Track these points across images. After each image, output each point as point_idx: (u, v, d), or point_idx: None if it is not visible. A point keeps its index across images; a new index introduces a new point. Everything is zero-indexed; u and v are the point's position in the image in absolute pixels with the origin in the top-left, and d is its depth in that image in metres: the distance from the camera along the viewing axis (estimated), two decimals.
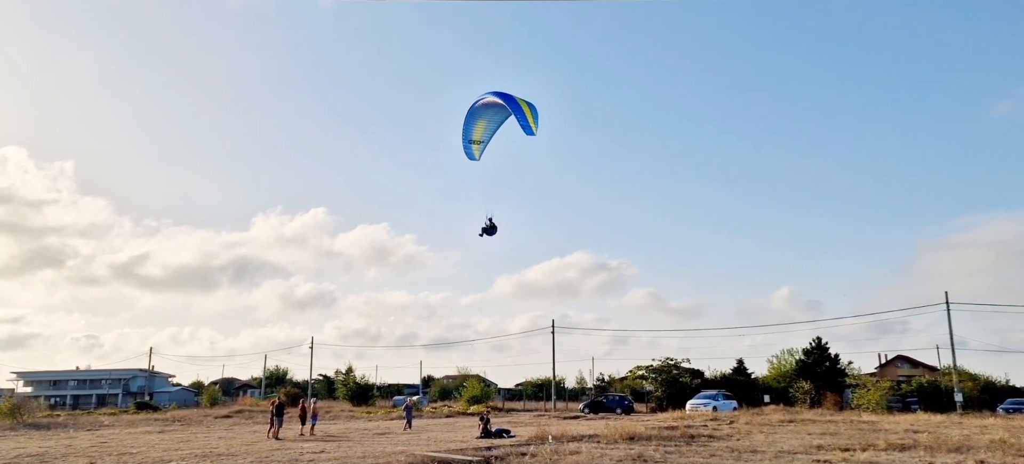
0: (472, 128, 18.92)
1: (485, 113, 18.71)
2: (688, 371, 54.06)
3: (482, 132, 19.07)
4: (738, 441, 21.14)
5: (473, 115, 18.68)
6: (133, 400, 69.10)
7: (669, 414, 39.49)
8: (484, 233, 18.94)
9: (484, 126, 19.01)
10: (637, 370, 59.48)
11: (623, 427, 24.68)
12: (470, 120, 18.73)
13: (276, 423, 25.42)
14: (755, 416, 33.82)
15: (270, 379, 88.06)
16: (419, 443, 22.58)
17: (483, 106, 18.64)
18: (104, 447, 22.01)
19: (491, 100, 18.38)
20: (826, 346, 51.15)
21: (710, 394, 44.76)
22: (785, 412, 36.92)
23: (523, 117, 17.70)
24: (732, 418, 32.64)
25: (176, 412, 50.55)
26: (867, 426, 26.60)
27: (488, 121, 18.96)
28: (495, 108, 18.59)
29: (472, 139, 19.05)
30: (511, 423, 31.91)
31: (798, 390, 46.76)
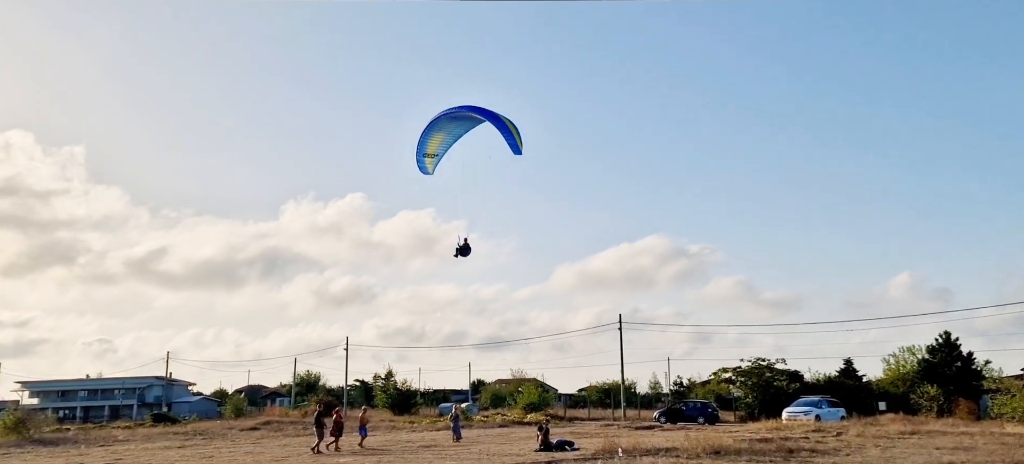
0: (428, 141, 20.21)
1: (446, 126, 19.96)
2: (784, 374, 53.05)
3: (438, 145, 20.49)
4: (847, 456, 20.64)
5: (433, 127, 19.95)
6: (149, 411, 72.16)
7: (762, 424, 38.85)
8: (459, 254, 21.04)
9: (441, 139, 20.36)
10: (722, 372, 58.79)
11: (707, 439, 24.40)
12: (429, 131, 20.03)
13: (320, 434, 26.38)
14: (868, 427, 32.93)
15: (301, 386, 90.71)
16: (470, 457, 22.85)
17: (445, 118, 19.76)
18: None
19: (460, 114, 19.64)
20: (957, 343, 49.47)
21: (812, 401, 43.79)
22: (906, 422, 35.78)
23: (511, 136, 19.31)
24: (839, 429, 31.91)
25: (197, 424, 52.57)
26: (1013, 440, 25.48)
27: (447, 134, 20.33)
28: (459, 121, 19.89)
29: (427, 152, 20.51)
30: (574, 434, 31.97)
31: (922, 396, 45.32)
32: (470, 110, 19.62)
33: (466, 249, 21.18)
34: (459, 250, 21.11)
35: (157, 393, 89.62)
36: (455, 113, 19.70)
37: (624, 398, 57.79)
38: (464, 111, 19.67)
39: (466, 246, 21.18)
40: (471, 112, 19.68)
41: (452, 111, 19.67)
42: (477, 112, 19.56)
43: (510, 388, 78.14)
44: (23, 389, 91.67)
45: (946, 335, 49.99)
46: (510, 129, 19.44)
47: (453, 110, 19.68)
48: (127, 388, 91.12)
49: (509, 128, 19.42)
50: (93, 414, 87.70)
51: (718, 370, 59.89)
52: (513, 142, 19.59)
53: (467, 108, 19.63)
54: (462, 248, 21.13)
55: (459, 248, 21.10)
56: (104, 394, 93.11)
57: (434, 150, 20.69)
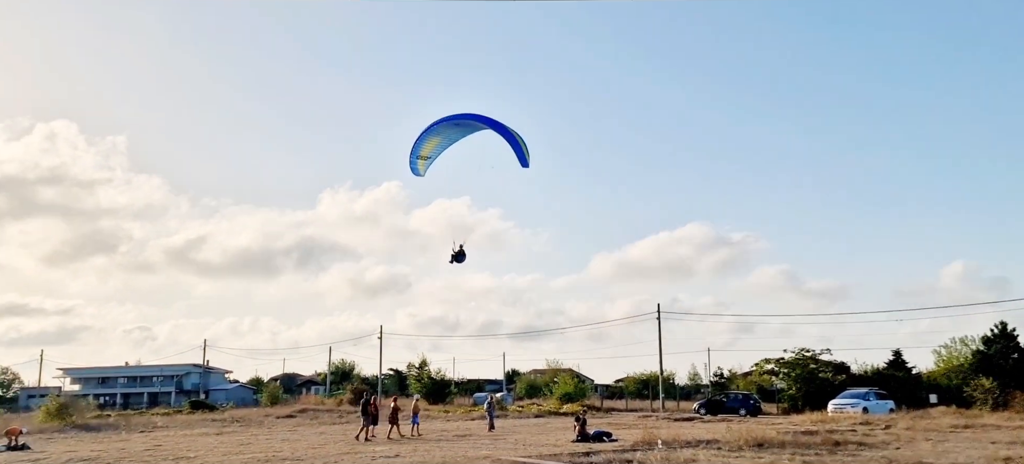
0: (424, 143, 20.71)
1: (444, 130, 20.38)
2: (830, 365, 52.25)
3: (433, 148, 21.01)
4: (897, 450, 20.35)
5: (430, 130, 20.36)
6: (187, 398, 73.97)
7: (806, 416, 38.51)
8: (454, 260, 21.78)
9: (437, 143, 20.88)
10: (765, 364, 58.16)
11: (749, 431, 24.22)
12: (426, 134, 20.48)
13: (364, 422, 27.04)
14: (918, 420, 32.40)
15: (335, 374, 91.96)
16: (506, 446, 23.03)
17: (446, 123, 20.15)
18: (159, 451, 23.75)
19: (463, 122, 20.16)
20: (1014, 333, 48.28)
21: (859, 393, 43.23)
22: (958, 415, 35.14)
23: (519, 149, 19.98)
24: (888, 422, 31.47)
25: (234, 412, 53.75)
26: None
27: (443, 139, 20.80)
28: (459, 128, 20.33)
29: (421, 154, 21.03)
30: (611, 425, 31.98)
31: (976, 388, 44.30)
32: (475, 119, 20.27)
33: (461, 255, 21.81)
34: (454, 256, 21.77)
35: (195, 380, 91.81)
36: (458, 120, 20.21)
37: (663, 389, 57.52)
38: (468, 119, 20.25)
39: (461, 252, 21.81)
40: (476, 121, 20.21)
41: (455, 117, 20.19)
42: (483, 122, 20.17)
43: (545, 378, 78.23)
44: (65, 375, 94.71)
45: (1002, 325, 48.82)
46: (518, 141, 20.12)
47: (456, 116, 20.19)
48: (165, 375, 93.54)
49: (517, 141, 20.08)
50: (132, 400, 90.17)
51: (761, 361, 59.27)
52: (521, 154, 20.22)
53: (472, 117, 20.25)
54: (457, 254, 21.77)
55: (454, 254, 21.75)
56: (143, 381, 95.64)
57: (428, 152, 21.31)
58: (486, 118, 20.17)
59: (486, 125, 20.17)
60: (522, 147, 20.22)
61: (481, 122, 20.21)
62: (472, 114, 20.24)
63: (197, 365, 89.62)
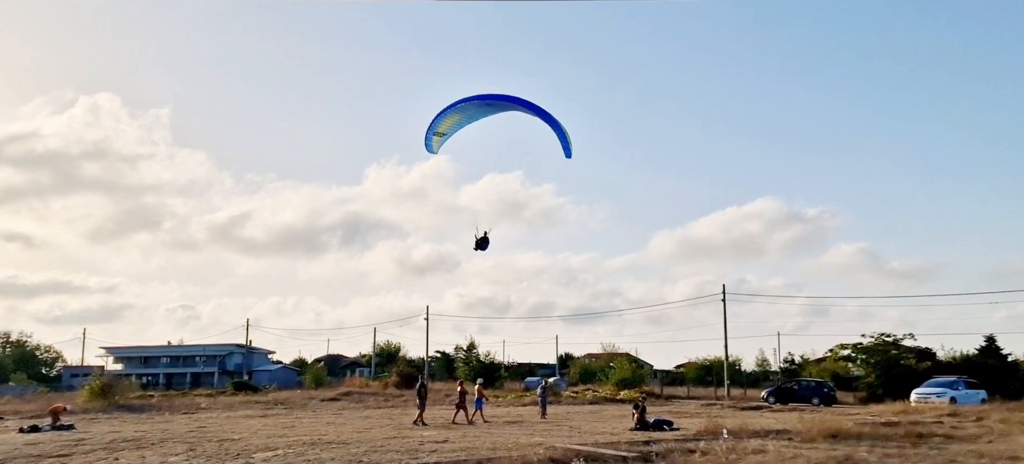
0: (443, 119, 20.70)
1: (467, 109, 20.35)
2: (913, 351, 51.12)
3: (450, 125, 21.00)
4: (989, 444, 19.74)
5: (452, 108, 20.34)
6: (230, 379, 76.15)
7: (886, 406, 37.72)
8: (478, 247, 22.13)
9: (455, 121, 20.87)
10: (841, 349, 57.29)
11: (823, 421, 23.85)
12: (447, 111, 20.48)
13: (420, 407, 27.58)
14: (1014, 412, 31.33)
15: (380, 356, 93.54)
16: (559, 434, 23.08)
17: (473, 102, 20.08)
18: (203, 432, 24.49)
19: (496, 103, 20.12)
20: None
21: (946, 381, 42.15)
22: None
23: (564, 138, 20.18)
24: (979, 414, 30.53)
25: (278, 394, 54.99)
26: None
27: (463, 116, 20.80)
28: (487, 108, 20.35)
29: (438, 130, 21.04)
30: (672, 414, 31.78)
31: None
32: (510, 101, 20.00)
33: (485, 242, 22.01)
34: (478, 242, 21.98)
35: (237, 361, 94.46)
36: (489, 100, 20.19)
37: (728, 376, 56.94)
38: (500, 101, 20.10)
39: (485, 239, 21.99)
40: (509, 103, 20.14)
41: (485, 98, 20.15)
42: (520, 105, 19.97)
43: (601, 363, 78.15)
44: (107, 355, 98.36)
45: None
46: (564, 132, 20.19)
47: (487, 97, 20.15)
48: (208, 355, 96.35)
49: (564, 131, 20.16)
50: (175, 380, 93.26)
51: (836, 346, 58.37)
52: (566, 144, 20.37)
53: (506, 99, 20.06)
54: (480, 240, 21.97)
55: (478, 240, 21.96)
56: (185, 361, 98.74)
57: (445, 129, 21.34)
58: (523, 101, 20.06)
59: (523, 108, 20.13)
60: (567, 138, 20.32)
61: (517, 105, 20.15)
62: (507, 96, 20.18)
63: (240, 345, 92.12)
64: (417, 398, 28.11)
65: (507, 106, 20.38)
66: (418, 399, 27.95)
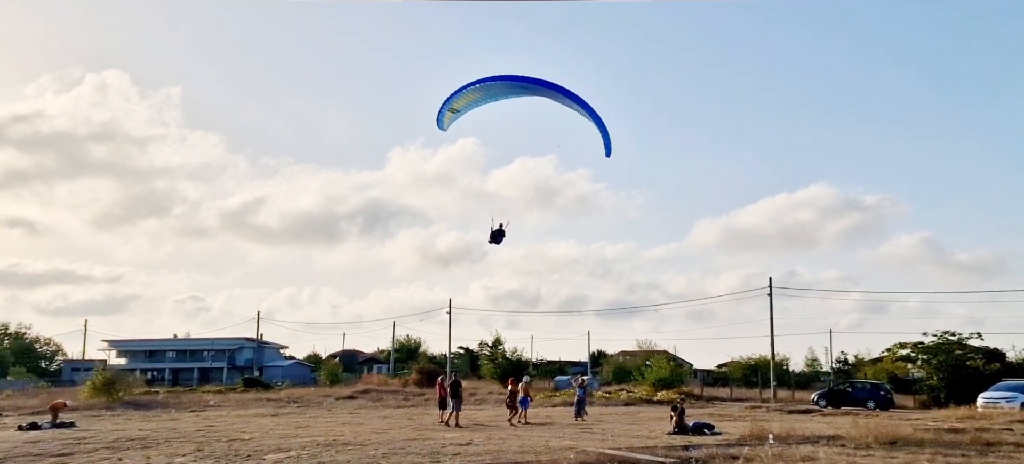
0: (460, 96, 20.88)
1: (492, 88, 20.51)
2: (980, 352, 50.36)
3: (466, 102, 21.19)
4: None
5: (473, 85, 20.48)
6: (240, 375, 77.14)
7: (950, 411, 37.21)
8: (492, 240, 22.62)
9: (472, 99, 21.05)
10: (899, 348, 56.58)
11: (879, 427, 23.57)
12: (466, 88, 20.66)
13: (454, 406, 27.59)
14: None
15: (400, 352, 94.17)
16: (592, 437, 23.09)
17: (497, 81, 20.21)
18: (212, 432, 24.87)
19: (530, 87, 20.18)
20: None
21: (1017, 385, 41.64)
22: None
23: (606, 134, 20.49)
24: None
25: (290, 391, 55.70)
26: None
27: (484, 96, 20.99)
28: (509, 88, 20.47)
29: (452, 106, 21.28)
30: (714, 416, 31.66)
31: None
32: (552, 88, 20.21)
33: (500, 235, 22.40)
34: (493, 236, 22.42)
35: (248, 356, 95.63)
36: (523, 83, 20.35)
37: (774, 376, 56.57)
38: (538, 85, 20.32)
39: (500, 231, 22.37)
40: (553, 91, 20.26)
41: (520, 79, 20.34)
42: (567, 96, 19.99)
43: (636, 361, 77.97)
44: (110, 348, 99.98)
45: None
46: (606, 128, 20.54)
47: (521, 79, 20.31)
48: (217, 350, 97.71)
49: (606, 127, 20.51)
50: (182, 376, 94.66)
51: (894, 345, 57.66)
52: (608, 141, 20.70)
53: (547, 85, 20.28)
54: (496, 233, 22.38)
55: (493, 232, 22.40)
56: (193, 356, 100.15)
57: (460, 106, 21.59)
58: (561, 88, 20.10)
59: (561, 96, 20.13)
60: (609, 133, 20.65)
61: (553, 91, 20.18)
62: (542, 80, 20.27)
63: (250, 339, 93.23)
64: (451, 397, 27.96)
65: (541, 91, 20.40)
66: (453, 398, 27.82)
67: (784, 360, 72.31)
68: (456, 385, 28.27)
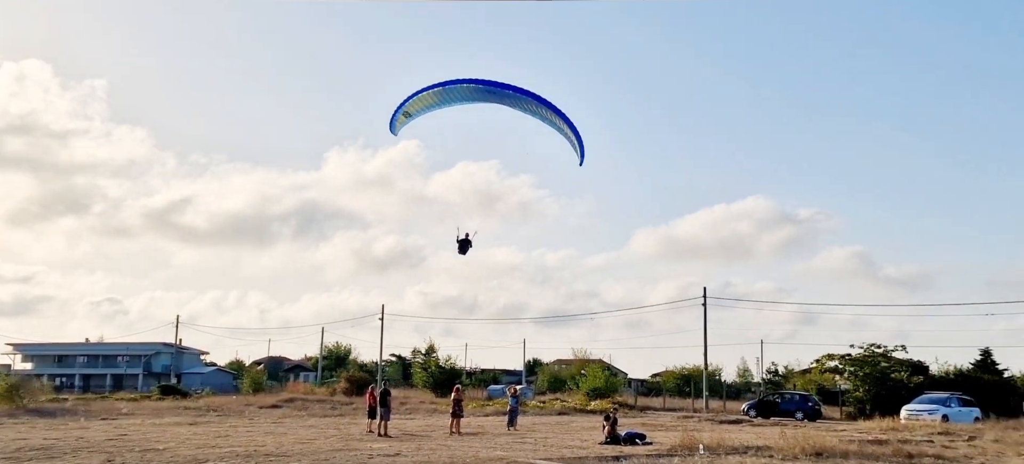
0: (415, 98, 20.95)
1: (452, 92, 20.62)
2: (905, 364, 52.00)
3: (420, 107, 21.31)
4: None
5: (431, 88, 20.62)
6: (157, 382, 75.20)
7: (875, 423, 38.34)
8: (461, 250, 22.97)
9: (427, 103, 21.16)
10: (827, 360, 58.11)
11: (806, 438, 24.23)
12: (422, 90, 20.78)
13: (382, 415, 27.46)
14: (1009, 431, 32.12)
15: (329, 359, 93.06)
16: (523, 447, 23.19)
17: (459, 85, 20.32)
18: (124, 441, 24.16)
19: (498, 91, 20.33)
20: None
21: (939, 398, 43.04)
22: None
23: (580, 142, 20.73)
24: (972, 432, 31.25)
25: (210, 399, 54.50)
26: None
27: (439, 100, 21.08)
28: (473, 92, 20.57)
29: (406, 110, 21.39)
30: (646, 426, 32.08)
31: None
32: (524, 95, 20.15)
33: (466, 244, 22.68)
34: (461, 245, 22.74)
35: (165, 362, 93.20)
36: (491, 88, 20.31)
37: (707, 387, 57.56)
38: (507, 92, 20.22)
39: (467, 241, 22.65)
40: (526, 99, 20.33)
41: (488, 84, 20.30)
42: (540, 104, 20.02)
43: (571, 370, 78.69)
44: (15, 352, 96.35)
45: None
46: (581, 138, 20.88)
47: (489, 84, 20.29)
48: (132, 355, 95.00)
49: (581, 136, 20.87)
50: (93, 383, 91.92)
51: (822, 357, 59.12)
52: (582, 149, 21.01)
53: (519, 92, 20.17)
54: (463, 242, 22.66)
55: (461, 242, 22.69)
56: (106, 361, 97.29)
57: (414, 110, 21.64)
58: (535, 95, 20.15)
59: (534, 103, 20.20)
60: (583, 143, 20.86)
61: (526, 99, 20.21)
62: (512, 86, 20.26)
63: (168, 344, 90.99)
64: (380, 406, 27.88)
65: (506, 97, 20.34)
66: (382, 407, 27.74)
67: (717, 370, 73.79)
68: (385, 394, 28.20)
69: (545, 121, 21.11)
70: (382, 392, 28.54)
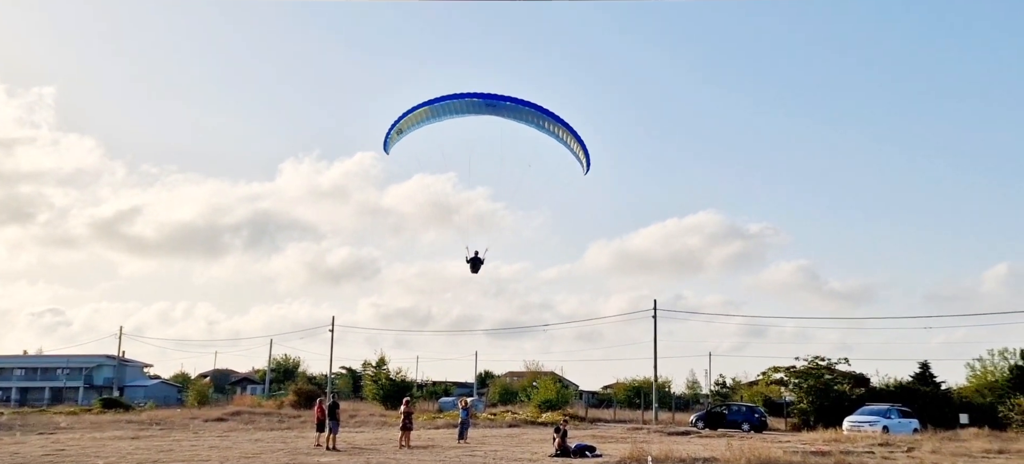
0: (409, 115, 21.08)
1: (441, 107, 20.78)
2: (847, 376, 53.07)
3: (412, 124, 21.47)
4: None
5: (425, 105, 20.76)
6: (98, 395, 73.44)
7: (818, 434, 39.11)
8: (473, 269, 23.54)
9: (420, 119, 21.31)
10: (773, 372, 58.98)
11: (752, 449, 24.61)
12: (416, 107, 20.92)
13: (331, 428, 27.20)
14: (946, 442, 33.05)
15: (277, 371, 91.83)
16: (474, 459, 23.21)
17: (457, 99, 20.52)
18: (61, 455, 23.65)
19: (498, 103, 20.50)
20: None
21: (879, 409, 44.02)
22: (992, 439, 35.84)
23: (585, 150, 20.92)
24: (911, 443, 32.05)
25: (154, 413, 53.52)
26: None
27: (432, 115, 21.20)
28: (458, 107, 20.74)
29: (400, 128, 21.57)
30: (596, 438, 32.28)
31: (1013, 409, 45.22)
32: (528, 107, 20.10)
33: (478, 262, 23.19)
34: (472, 264, 23.31)
35: (108, 375, 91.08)
36: (493, 102, 20.27)
37: (656, 398, 58.09)
38: (505, 104, 20.23)
39: (478, 258, 23.18)
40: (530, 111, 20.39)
41: (490, 98, 20.28)
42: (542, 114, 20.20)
43: (523, 382, 78.78)
44: None
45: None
46: (586, 146, 21.04)
47: (491, 98, 20.27)
48: (72, 367, 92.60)
49: (585, 145, 21.03)
50: (32, 396, 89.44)
51: (769, 369, 60.03)
52: (588, 159, 21.21)
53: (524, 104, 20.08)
54: (472, 261, 23.19)
55: (471, 260, 23.21)
56: (45, 374, 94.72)
57: (407, 127, 21.85)
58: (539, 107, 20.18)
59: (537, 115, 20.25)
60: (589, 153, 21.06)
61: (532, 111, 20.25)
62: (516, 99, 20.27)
63: (111, 357, 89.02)
64: (329, 419, 27.68)
65: (503, 110, 20.36)
66: (330, 420, 27.55)
67: (667, 382, 74.48)
68: (334, 406, 28.03)
69: (545, 131, 21.10)
70: (331, 405, 28.36)
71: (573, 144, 21.33)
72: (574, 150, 21.55)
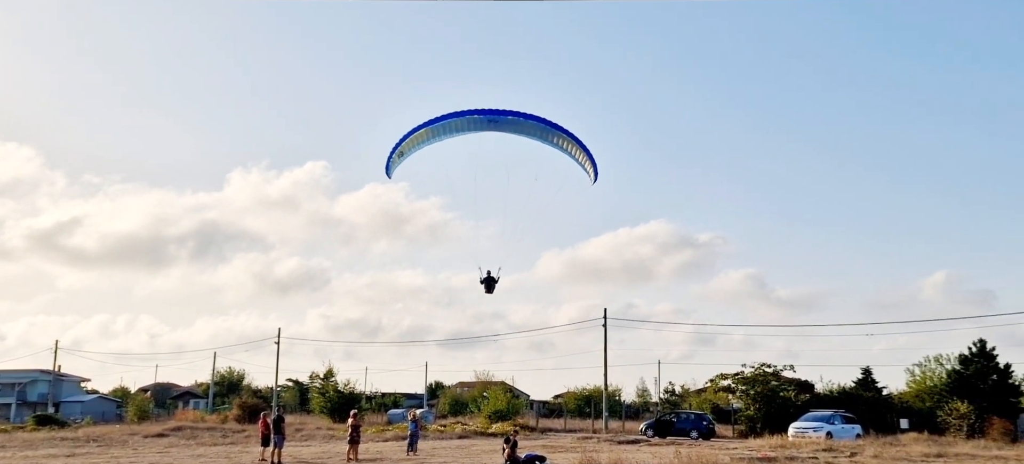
0: (410, 136, 21.11)
1: (444, 127, 20.85)
2: (792, 383, 53.92)
3: (414, 145, 21.52)
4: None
5: (427, 124, 20.79)
6: (33, 412, 71.39)
7: (764, 440, 39.66)
8: (488, 290, 23.65)
9: (421, 139, 21.37)
10: (721, 379, 59.62)
11: (700, 456, 24.91)
12: (418, 128, 20.95)
13: (276, 442, 27.03)
14: (887, 447, 33.80)
15: (221, 385, 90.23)
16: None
17: (460, 117, 20.62)
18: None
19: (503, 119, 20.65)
20: (993, 352, 50.28)
21: (823, 415, 44.86)
22: (930, 443, 36.80)
23: (593, 160, 20.97)
24: (854, 449, 32.70)
25: (91, 429, 52.26)
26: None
27: (433, 135, 21.31)
28: (461, 125, 20.83)
29: (402, 150, 21.68)
30: (546, 448, 32.38)
31: (950, 413, 46.38)
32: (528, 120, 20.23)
33: (492, 282, 23.35)
34: (486, 284, 23.46)
35: (43, 390, 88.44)
36: (495, 116, 20.33)
37: (607, 407, 58.40)
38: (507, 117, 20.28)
39: (491, 279, 23.31)
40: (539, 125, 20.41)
41: (493, 113, 20.26)
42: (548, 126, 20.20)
43: (474, 393, 78.52)
44: None
45: (981, 343, 50.67)
46: (593, 157, 21.03)
47: (494, 113, 20.24)
48: (5, 383, 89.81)
49: (592, 155, 21.00)
50: None
51: (716, 376, 60.68)
52: (596, 168, 21.31)
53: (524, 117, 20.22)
54: (486, 281, 23.32)
55: (484, 281, 23.36)
56: None
57: (408, 148, 21.76)
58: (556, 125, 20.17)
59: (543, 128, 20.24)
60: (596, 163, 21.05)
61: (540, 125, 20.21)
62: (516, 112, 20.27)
63: (46, 371, 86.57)
64: (274, 433, 27.43)
65: (507, 125, 20.31)
66: (275, 434, 27.29)
67: (617, 391, 74.85)
68: (279, 420, 27.75)
69: (550, 144, 21.11)
70: (276, 418, 28.07)
71: (579, 155, 21.36)
72: (580, 161, 21.58)
